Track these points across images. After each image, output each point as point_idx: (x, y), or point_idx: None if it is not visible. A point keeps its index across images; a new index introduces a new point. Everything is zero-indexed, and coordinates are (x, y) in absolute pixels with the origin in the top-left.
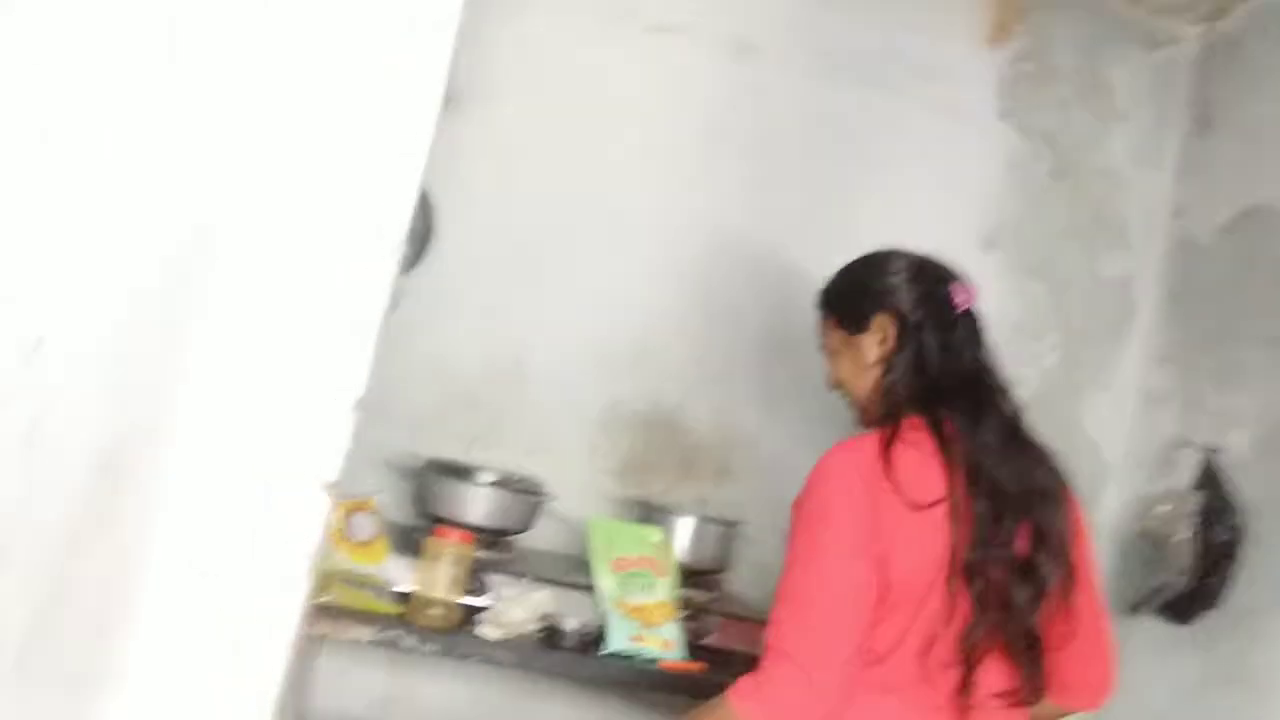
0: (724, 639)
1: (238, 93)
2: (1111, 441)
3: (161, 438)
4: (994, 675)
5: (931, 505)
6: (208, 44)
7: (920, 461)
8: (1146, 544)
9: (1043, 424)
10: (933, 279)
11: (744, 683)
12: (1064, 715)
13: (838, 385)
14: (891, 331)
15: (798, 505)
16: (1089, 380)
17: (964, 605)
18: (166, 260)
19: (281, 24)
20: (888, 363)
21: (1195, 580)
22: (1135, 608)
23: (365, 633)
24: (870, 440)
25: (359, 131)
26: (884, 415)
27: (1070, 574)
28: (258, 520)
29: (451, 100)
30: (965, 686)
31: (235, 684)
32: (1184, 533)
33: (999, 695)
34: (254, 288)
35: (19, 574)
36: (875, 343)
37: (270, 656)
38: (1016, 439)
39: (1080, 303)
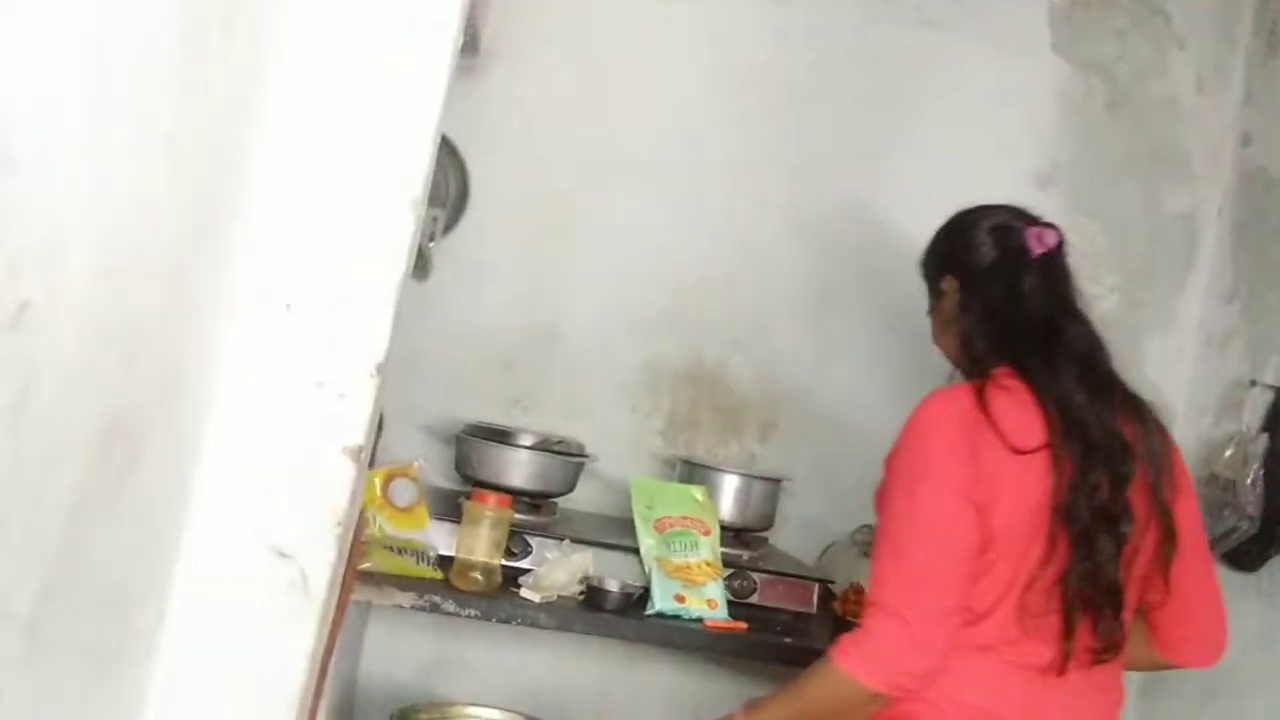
0: (769, 597)
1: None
2: (1174, 384)
3: (177, 404)
4: (1084, 629)
5: (1034, 450)
6: None
7: (1018, 406)
8: (1212, 489)
9: None
10: (1003, 229)
11: (846, 640)
12: (1170, 668)
13: (937, 346)
14: (956, 290)
15: (894, 456)
16: (1150, 321)
17: (1063, 553)
18: (173, 218)
19: None
20: (961, 320)
21: (1262, 525)
22: None
23: (406, 598)
24: (965, 388)
25: (373, 81)
26: (971, 368)
27: (1166, 530)
28: (283, 486)
29: (479, 61)
30: (1068, 634)
31: (264, 653)
32: (1250, 476)
33: (1088, 650)
34: (270, 242)
35: (18, 544)
36: (950, 304)
37: (301, 626)
38: (1097, 385)
39: (1140, 241)
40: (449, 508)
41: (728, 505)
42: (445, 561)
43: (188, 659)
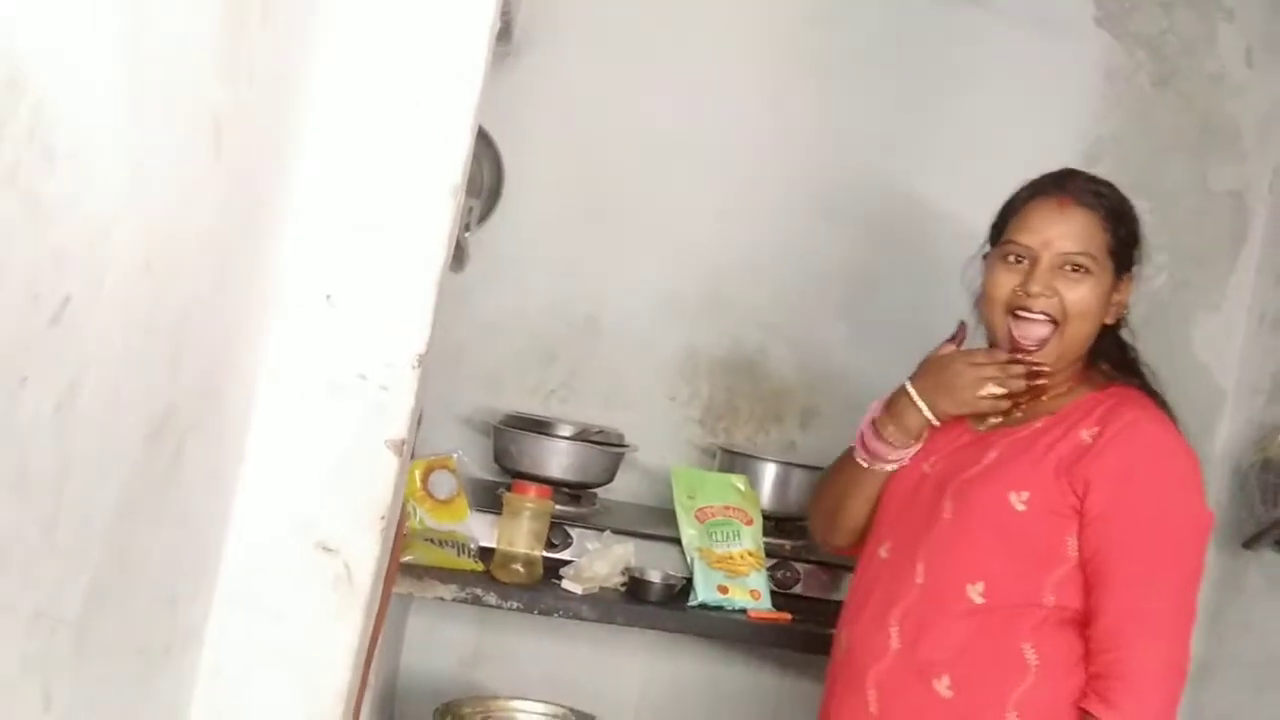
0: (812, 588)
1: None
2: (1225, 366)
3: (221, 399)
4: None
5: None
6: None
7: None
8: (1266, 474)
9: (1151, 349)
10: None
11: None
12: None
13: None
14: (1130, 288)
15: (1181, 499)
16: (1199, 302)
17: None
18: (217, 209)
19: None
20: (1116, 318)
21: None
22: (1251, 541)
23: (447, 590)
24: (1171, 423)
25: (412, 68)
26: (1080, 368)
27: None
28: (326, 480)
29: (512, 49)
30: None
31: (309, 647)
32: None
33: None
34: (311, 233)
35: (66, 546)
36: (1124, 297)
37: (345, 620)
38: None
39: (1189, 219)
40: (489, 499)
41: (768, 494)
42: (486, 553)
43: (233, 655)
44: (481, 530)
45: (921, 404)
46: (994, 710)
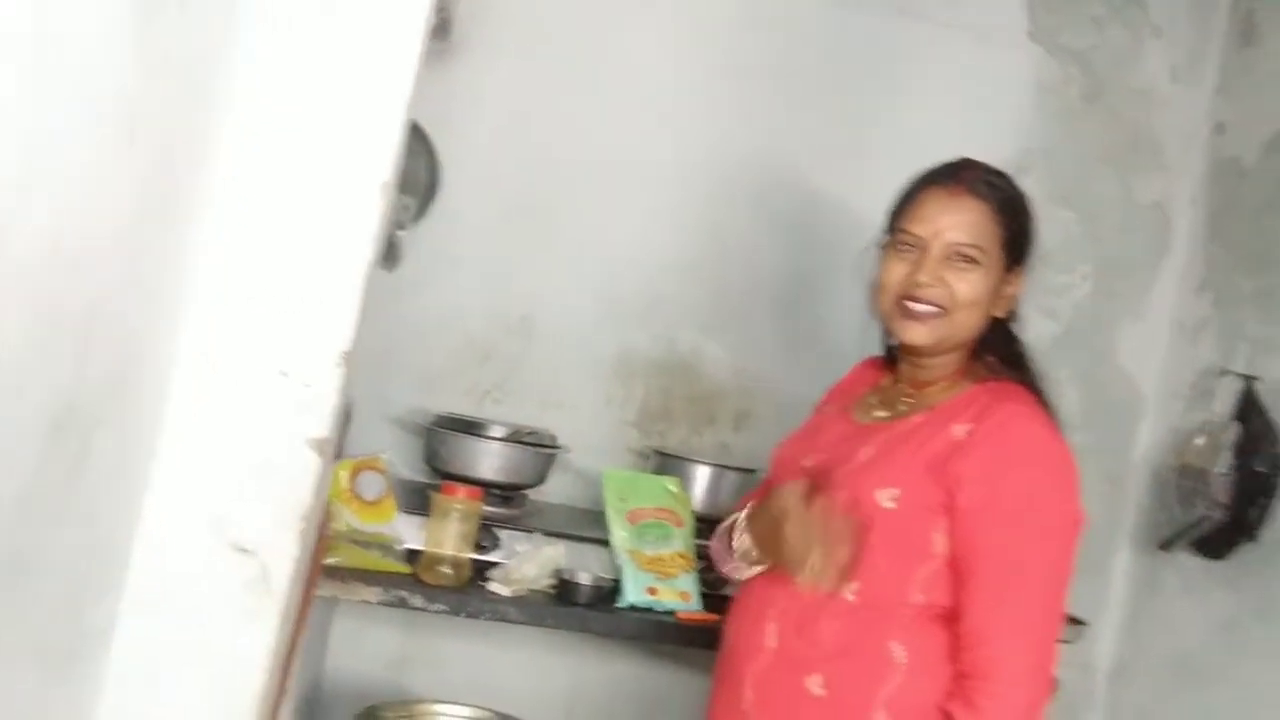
0: None
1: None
2: (1146, 373)
3: (133, 394)
4: None
5: None
6: None
7: None
8: (1183, 478)
9: (1075, 357)
10: None
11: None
12: None
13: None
14: (1020, 284)
15: (1049, 496)
16: (1123, 310)
17: None
18: (130, 199)
19: None
20: (1004, 313)
21: (1232, 513)
22: (1168, 543)
23: (372, 593)
24: (1053, 424)
25: (342, 59)
26: (967, 362)
27: None
28: (243, 480)
29: (450, 46)
30: None
31: (224, 651)
32: (1221, 465)
33: None
34: (233, 226)
35: None
36: (1014, 292)
37: (262, 623)
38: None
39: (1114, 230)
40: (419, 501)
41: (701, 496)
42: (413, 556)
43: (143, 659)
44: (409, 532)
45: (754, 553)
46: (863, 709)
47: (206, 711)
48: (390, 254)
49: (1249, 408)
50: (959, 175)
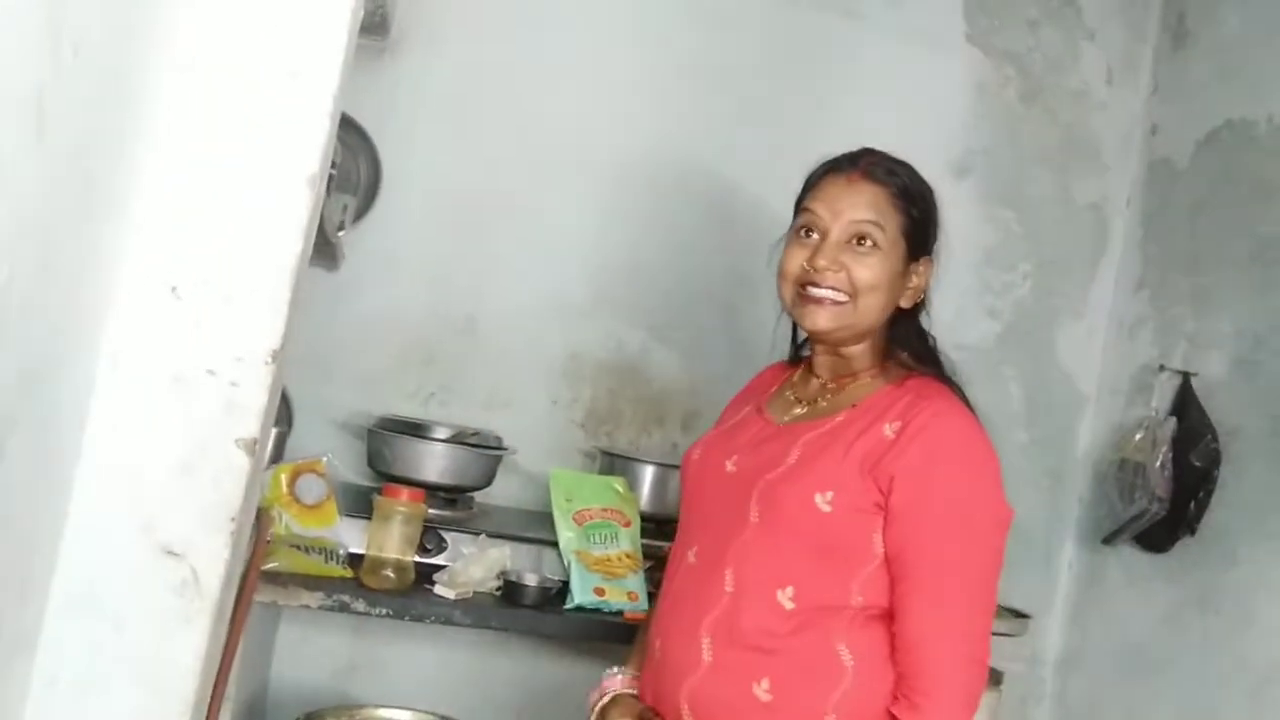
0: None
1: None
2: (1086, 370)
3: (48, 394)
4: None
5: None
6: None
7: None
8: (1123, 473)
9: (1016, 355)
10: None
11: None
12: None
13: (848, 289)
14: (929, 273)
15: (978, 492)
16: (1063, 309)
17: None
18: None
19: None
20: (913, 302)
21: (1172, 507)
22: (1111, 537)
23: (313, 598)
24: (971, 414)
25: (266, 49)
26: (875, 353)
27: None
28: (170, 481)
29: (390, 43)
30: None
31: (153, 656)
32: (1160, 459)
33: None
34: (155, 221)
35: None
36: (922, 281)
37: (192, 627)
38: None
39: (1053, 230)
40: (362, 504)
41: (647, 496)
42: (356, 560)
43: (71, 663)
44: (352, 536)
45: None
46: (813, 712)
47: (137, 715)
48: (332, 254)
49: (1186, 403)
50: (858, 162)
